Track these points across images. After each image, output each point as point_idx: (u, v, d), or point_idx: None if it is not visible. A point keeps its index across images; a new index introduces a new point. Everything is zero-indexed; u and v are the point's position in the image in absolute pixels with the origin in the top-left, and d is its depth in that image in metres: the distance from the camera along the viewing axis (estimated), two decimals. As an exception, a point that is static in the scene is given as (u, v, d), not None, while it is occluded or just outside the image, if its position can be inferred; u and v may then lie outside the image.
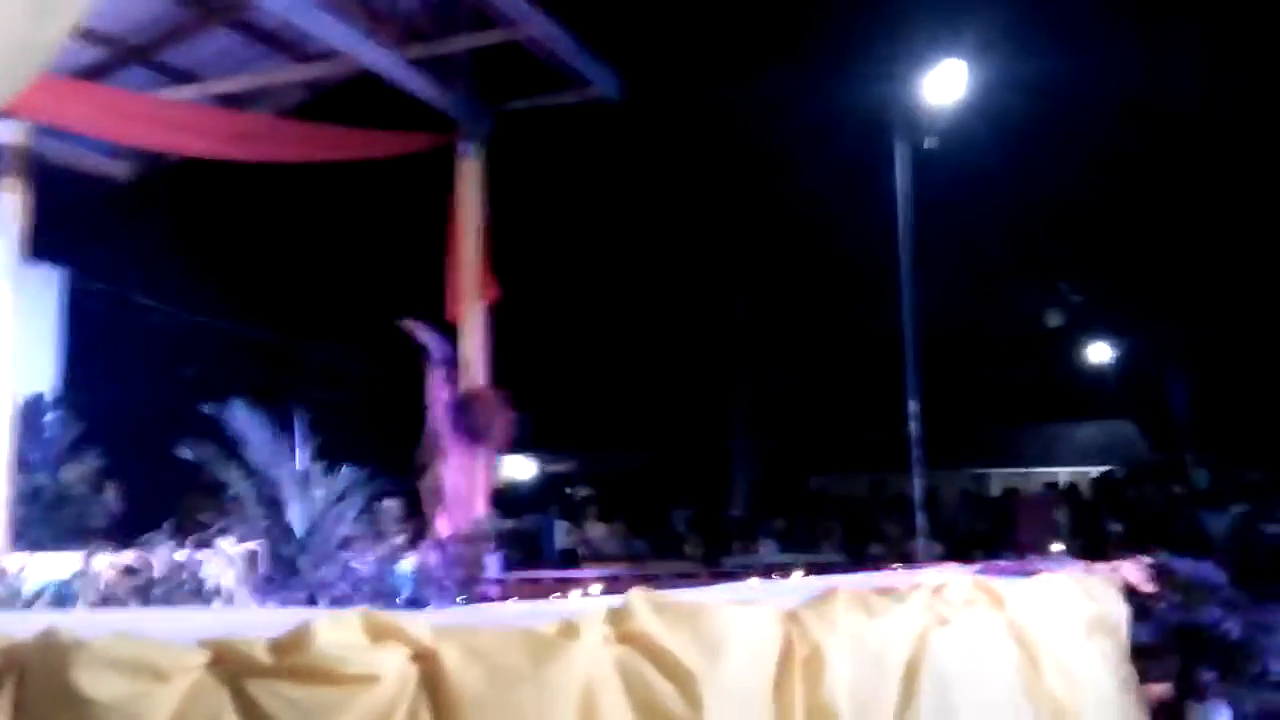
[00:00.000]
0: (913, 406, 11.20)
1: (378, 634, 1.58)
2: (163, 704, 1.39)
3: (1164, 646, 5.27)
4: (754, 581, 5.71)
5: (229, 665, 1.49)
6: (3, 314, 7.78)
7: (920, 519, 11.34)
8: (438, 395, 8.08)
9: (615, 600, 2.00)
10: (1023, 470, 21.85)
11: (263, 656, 1.49)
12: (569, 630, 1.71)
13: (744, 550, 15.15)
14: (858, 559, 13.64)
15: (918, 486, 11.21)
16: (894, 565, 8.76)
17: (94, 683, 1.35)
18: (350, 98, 9.66)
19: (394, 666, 1.56)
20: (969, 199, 18.05)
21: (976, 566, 5.30)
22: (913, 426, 11.16)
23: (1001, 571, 4.77)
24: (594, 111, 9.95)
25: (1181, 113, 16.40)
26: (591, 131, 14.04)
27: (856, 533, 15.80)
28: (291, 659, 1.47)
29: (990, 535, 14.72)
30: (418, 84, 8.61)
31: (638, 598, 1.95)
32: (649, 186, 19.14)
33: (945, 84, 11.12)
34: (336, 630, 1.53)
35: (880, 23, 15.59)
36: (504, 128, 9.49)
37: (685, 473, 21.04)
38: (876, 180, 11.97)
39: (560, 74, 9.06)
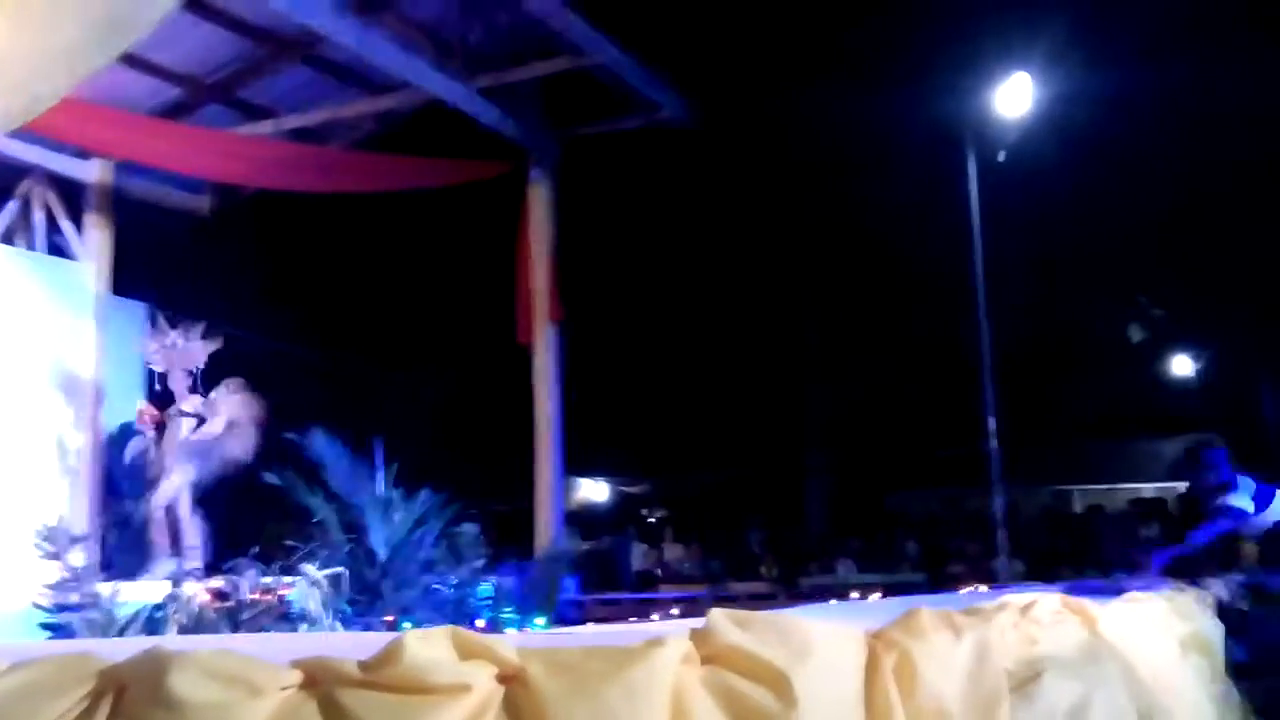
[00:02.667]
0: (991, 423, 11.04)
1: (466, 651, 1.59)
2: (256, 714, 1.43)
3: (1261, 665, 5.12)
4: (833, 603, 5.66)
5: (321, 683, 1.51)
6: (90, 348, 8.00)
7: (1001, 537, 11.15)
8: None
9: (697, 621, 2.00)
10: (1105, 487, 21.38)
11: (354, 674, 1.51)
12: (654, 643, 1.71)
13: (821, 571, 15.02)
14: (937, 579, 13.45)
15: (998, 504, 11.03)
16: (975, 585, 8.61)
17: (190, 688, 1.39)
18: (421, 128, 9.80)
19: (482, 682, 1.57)
20: (1044, 213, 17.78)
21: (1064, 585, 5.20)
22: (991, 443, 11.00)
23: (1091, 591, 4.67)
24: (662, 134, 10.00)
25: (1260, 121, 16.04)
26: (660, 153, 14.10)
27: (935, 552, 15.57)
28: (382, 674, 1.49)
29: (1074, 553, 14.43)
30: (487, 113, 8.71)
31: (719, 615, 1.95)
32: (717, 206, 19.14)
33: (1016, 97, 10.99)
34: (425, 647, 1.54)
35: (951, 38, 15.48)
36: (573, 152, 9.57)
37: (760, 493, 20.92)
38: (949, 194, 11.85)
39: (628, 99, 9.12)
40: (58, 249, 8.41)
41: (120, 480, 7.96)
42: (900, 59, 16.90)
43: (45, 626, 4.94)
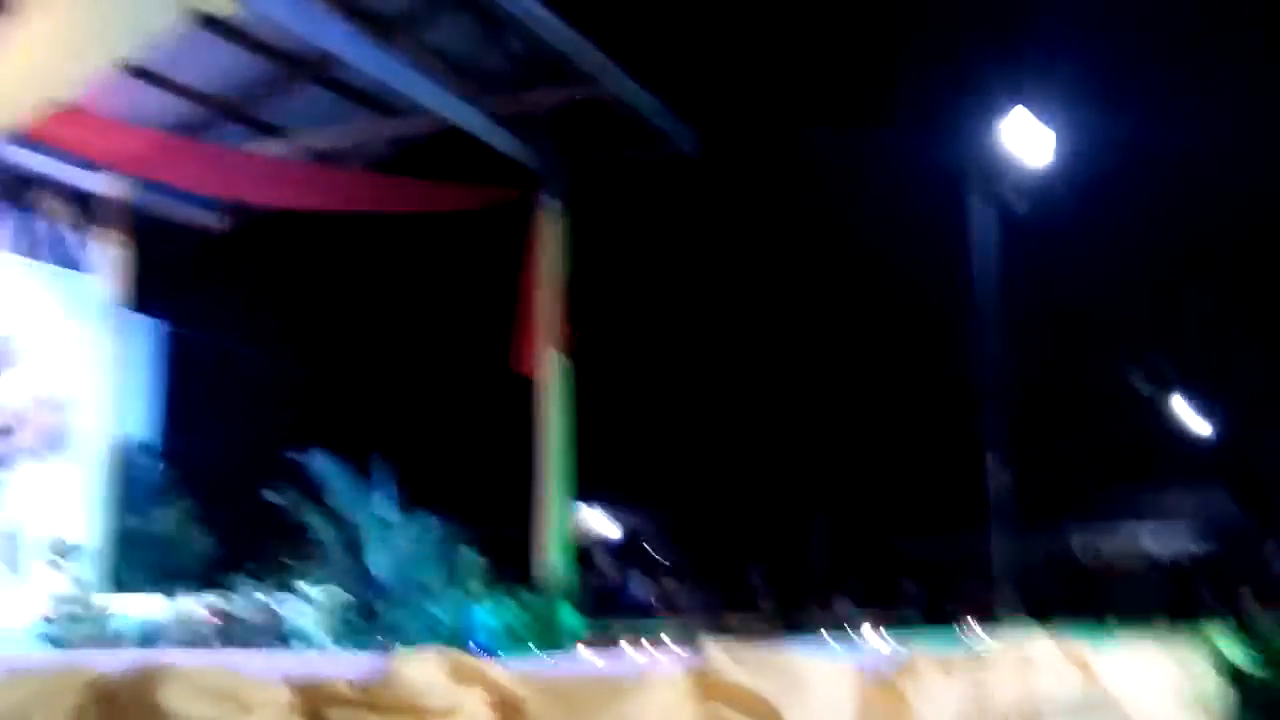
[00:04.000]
0: (991, 463, 11.01)
1: (460, 675, 1.60)
2: (246, 731, 1.43)
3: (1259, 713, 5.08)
4: (829, 640, 5.63)
5: (311, 702, 1.52)
6: (104, 363, 8.02)
7: (1001, 580, 11.10)
8: None
9: (693, 654, 2.00)
10: (1108, 533, 21.30)
11: (345, 693, 1.52)
12: (650, 674, 1.72)
13: (820, 608, 14.96)
14: (936, 618, 13.38)
15: (998, 546, 10.99)
16: (973, 625, 8.58)
17: (181, 703, 1.39)
18: (434, 152, 9.84)
19: (473, 707, 1.57)
20: (1050, 263, 17.78)
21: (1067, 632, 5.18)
22: (993, 486, 10.97)
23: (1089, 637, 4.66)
24: (671, 165, 10.04)
25: (1267, 166, 16.06)
26: (668, 184, 14.15)
27: (934, 591, 15.51)
28: (374, 695, 1.50)
29: (1075, 598, 14.36)
30: (500, 139, 8.76)
31: (715, 649, 1.95)
32: (724, 238, 19.17)
33: (1025, 139, 11.04)
34: (418, 669, 1.55)
35: (960, 78, 15.54)
36: (583, 180, 9.61)
37: (763, 528, 20.84)
38: (957, 239, 11.87)
39: (639, 130, 9.17)
40: (70, 261, 8.45)
41: (130, 493, 7.95)
42: (909, 95, 16.96)
43: (46, 638, 4.94)
